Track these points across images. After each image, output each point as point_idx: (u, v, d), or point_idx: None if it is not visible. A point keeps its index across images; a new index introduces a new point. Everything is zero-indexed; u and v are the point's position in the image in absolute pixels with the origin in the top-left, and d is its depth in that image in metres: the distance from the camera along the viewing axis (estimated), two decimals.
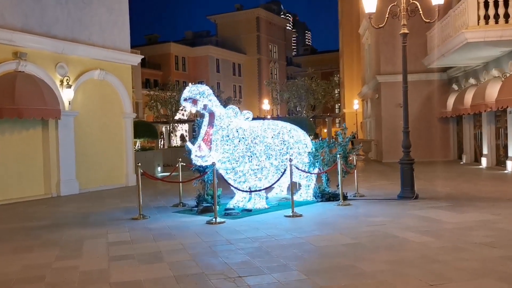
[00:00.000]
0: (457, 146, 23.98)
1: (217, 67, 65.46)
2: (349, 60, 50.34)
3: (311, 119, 26.84)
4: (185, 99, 9.35)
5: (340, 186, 10.39)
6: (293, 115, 29.05)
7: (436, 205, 9.76)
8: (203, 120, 10.12)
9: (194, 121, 35.70)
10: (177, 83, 39.96)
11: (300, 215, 9.00)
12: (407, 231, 7.27)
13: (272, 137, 10.15)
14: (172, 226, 8.41)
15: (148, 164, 20.65)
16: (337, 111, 67.17)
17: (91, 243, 7.28)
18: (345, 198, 10.68)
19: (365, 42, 31.36)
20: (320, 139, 10.80)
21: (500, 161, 18.43)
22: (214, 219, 8.63)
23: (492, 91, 17.04)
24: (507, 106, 15.52)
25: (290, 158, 9.44)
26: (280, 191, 11.40)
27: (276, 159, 10.10)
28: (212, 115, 9.61)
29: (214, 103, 9.50)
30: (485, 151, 19.37)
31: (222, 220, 8.68)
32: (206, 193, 10.42)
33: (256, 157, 9.78)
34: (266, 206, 10.07)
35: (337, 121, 67.27)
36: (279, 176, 10.26)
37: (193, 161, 9.51)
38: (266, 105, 44.34)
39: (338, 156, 10.52)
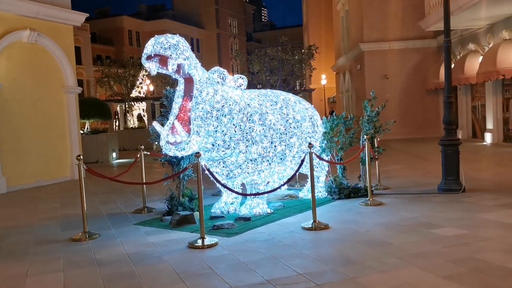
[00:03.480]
0: None
1: None
2: (316, 33, 47.73)
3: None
4: (149, 57, 6.18)
5: (367, 178, 7.55)
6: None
7: (503, 202, 7.09)
8: (175, 90, 7.02)
9: (153, 99, 32.16)
10: (131, 59, 36.10)
11: (326, 226, 6.11)
12: None
13: (274, 112, 7.16)
14: (135, 255, 5.32)
15: (100, 150, 17.30)
16: (297, 87, 64.53)
17: None
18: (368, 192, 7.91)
19: (341, 8, 28.54)
20: (333, 114, 7.81)
21: (509, 137, 16.18)
22: (200, 240, 5.61)
23: (506, 56, 14.65)
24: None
25: (310, 143, 6.46)
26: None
27: (280, 143, 7.13)
28: (189, 81, 6.50)
29: (192, 63, 6.37)
30: (489, 125, 17.09)
31: (213, 241, 5.65)
32: (182, 193, 7.35)
33: (255, 141, 6.78)
34: (269, 211, 7.12)
35: None
36: (283, 167, 7.33)
37: (164, 150, 6.39)
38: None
39: (364, 137, 7.68)
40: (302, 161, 6.57)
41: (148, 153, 8.18)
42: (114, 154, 17.84)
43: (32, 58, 11.89)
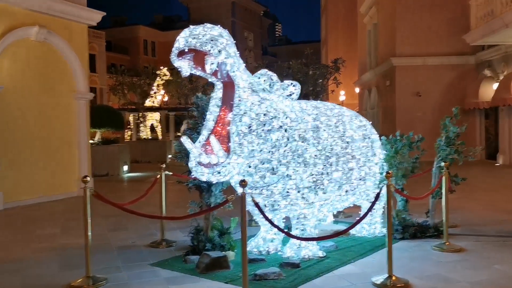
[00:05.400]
0: (486, 144, 20.15)
1: None
2: (334, 48, 46.51)
3: None
4: (181, 53, 4.79)
5: (443, 215, 6.07)
6: None
7: None
8: (208, 98, 5.65)
9: (168, 109, 30.86)
10: (145, 68, 35.06)
11: (407, 284, 4.61)
12: None
13: (329, 130, 5.72)
14: None
15: (111, 162, 15.96)
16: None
17: None
18: (439, 232, 6.43)
19: (368, 21, 27.17)
20: (397, 134, 6.36)
21: None
22: None
23: None
24: None
25: (388, 172, 4.98)
26: (323, 219, 6.99)
27: (337, 169, 5.68)
28: (229, 86, 5.09)
29: (236, 63, 4.98)
30: None
31: None
32: (211, 226, 5.89)
33: (308, 165, 5.34)
34: (321, 254, 5.62)
35: None
36: (337, 198, 5.88)
37: (194, 173, 4.96)
38: None
39: (442, 164, 6.22)
40: (378, 194, 5.08)
41: (171, 173, 6.72)
42: (125, 167, 16.48)
43: (39, 59, 10.60)
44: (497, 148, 18.55)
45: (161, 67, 31.48)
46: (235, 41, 5.11)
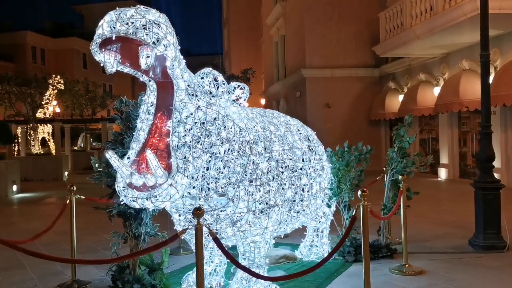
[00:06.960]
0: None
1: (83, 62, 57.22)
2: (238, 60, 46.56)
3: None
4: (105, 41, 3.67)
5: (402, 234, 5.52)
6: None
7: None
8: (135, 103, 4.57)
9: (63, 121, 28.18)
10: (35, 76, 31.79)
11: None
12: None
13: (279, 141, 4.91)
14: None
15: None
16: None
17: None
18: (392, 251, 5.93)
19: (275, 33, 27.14)
20: (346, 145, 5.75)
21: (467, 173, 15.21)
22: None
23: (468, 87, 13.72)
24: (503, 104, 12.19)
25: (362, 189, 4.21)
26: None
27: (289, 186, 4.88)
28: (165, 86, 4.05)
29: (177, 56, 3.96)
30: (444, 160, 16.11)
31: None
32: (139, 262, 4.74)
33: (261, 183, 4.46)
34: None
35: None
36: (292, 222, 5.10)
37: (124, 199, 3.81)
38: None
39: (399, 177, 5.69)
40: (354, 218, 4.31)
41: (83, 197, 5.41)
42: (15, 187, 14.31)
43: None
44: None
45: (53, 75, 28.76)
46: None
